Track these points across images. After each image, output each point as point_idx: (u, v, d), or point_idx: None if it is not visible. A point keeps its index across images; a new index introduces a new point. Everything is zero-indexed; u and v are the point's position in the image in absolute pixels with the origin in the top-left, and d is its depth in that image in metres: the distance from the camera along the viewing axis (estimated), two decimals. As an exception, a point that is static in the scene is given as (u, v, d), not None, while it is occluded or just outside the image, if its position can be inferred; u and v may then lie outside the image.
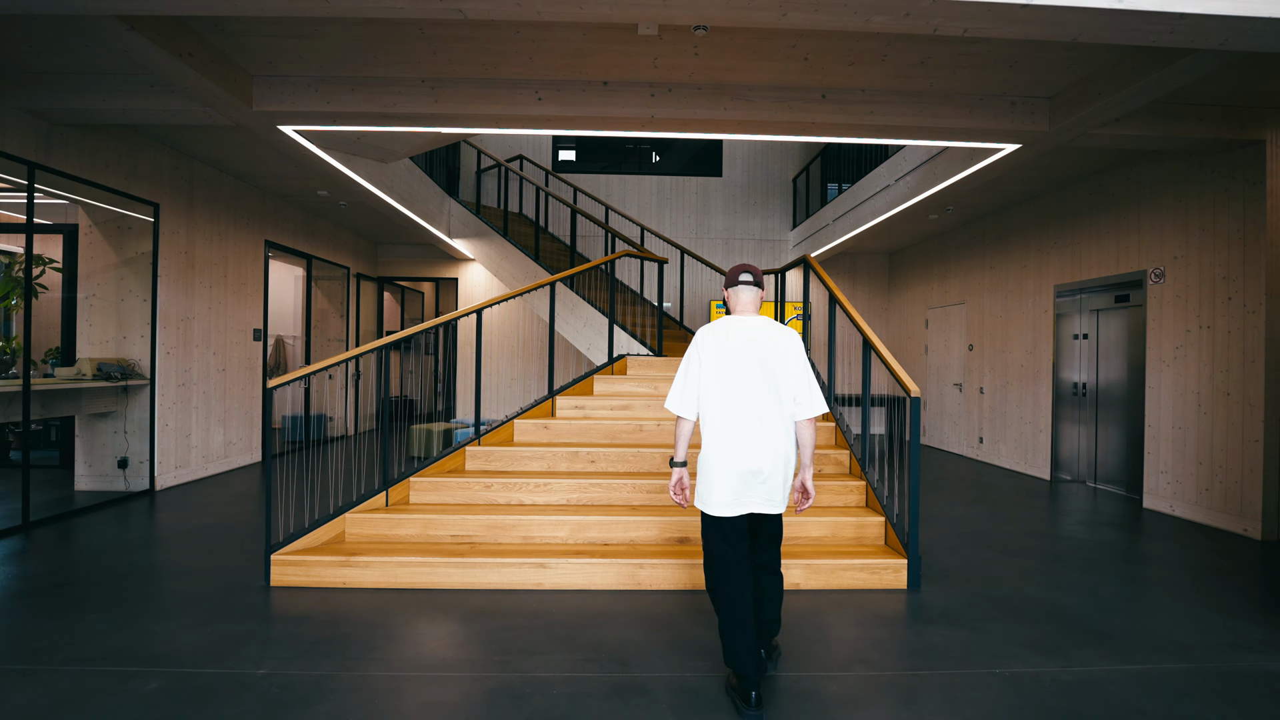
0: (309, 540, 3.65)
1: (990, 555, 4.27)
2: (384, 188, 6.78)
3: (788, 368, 2.38)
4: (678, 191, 11.02)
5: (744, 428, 2.35)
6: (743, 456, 2.33)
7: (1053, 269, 7.02)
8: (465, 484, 4.11)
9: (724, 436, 2.36)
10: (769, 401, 2.36)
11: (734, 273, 2.54)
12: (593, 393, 5.33)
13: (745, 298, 2.51)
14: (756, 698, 2.26)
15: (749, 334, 2.41)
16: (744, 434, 2.34)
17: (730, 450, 2.35)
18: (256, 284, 7.34)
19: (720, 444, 2.37)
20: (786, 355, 2.39)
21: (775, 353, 2.38)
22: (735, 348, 2.38)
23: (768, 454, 2.34)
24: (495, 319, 10.61)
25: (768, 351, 2.38)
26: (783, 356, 2.39)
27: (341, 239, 9.34)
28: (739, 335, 2.40)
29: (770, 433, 2.35)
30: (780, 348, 2.39)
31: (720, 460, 2.36)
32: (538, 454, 4.42)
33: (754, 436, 2.34)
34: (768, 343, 2.39)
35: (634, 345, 6.30)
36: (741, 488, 2.34)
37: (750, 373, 2.36)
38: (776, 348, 2.39)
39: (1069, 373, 6.99)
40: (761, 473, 2.34)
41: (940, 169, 6.11)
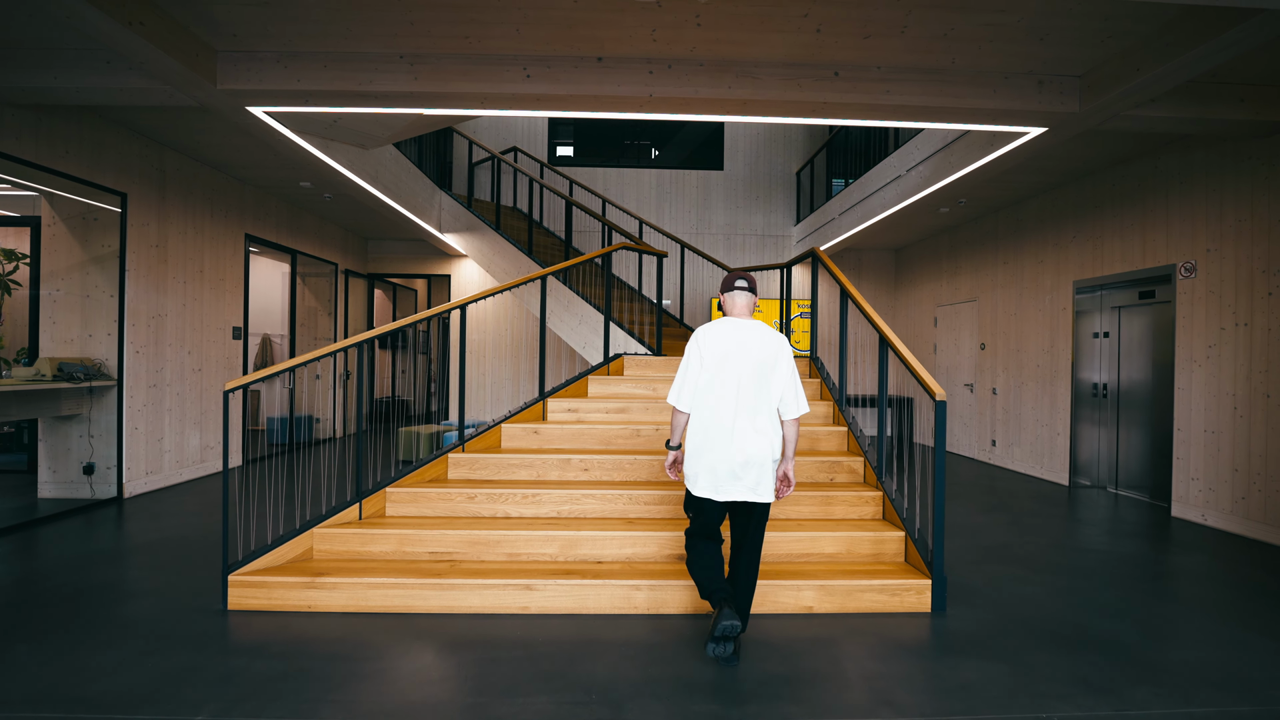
0: (272, 558, 3.31)
1: (1017, 571, 3.93)
2: (368, 178, 6.44)
3: (777, 372, 2.63)
4: (677, 185, 10.67)
5: (733, 424, 2.58)
6: (730, 450, 2.57)
7: (1072, 264, 6.69)
8: (446, 495, 3.77)
9: (714, 430, 2.60)
10: (757, 401, 2.60)
11: (730, 279, 2.76)
12: (587, 394, 4.99)
13: (740, 302, 2.74)
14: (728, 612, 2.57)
15: (744, 338, 2.63)
16: (733, 430, 2.58)
17: (716, 444, 2.59)
18: (236, 280, 7.00)
19: (710, 437, 2.60)
20: (777, 360, 2.64)
21: (766, 357, 2.62)
22: (730, 350, 2.61)
23: (753, 450, 2.58)
24: (488, 317, 10.27)
25: (760, 355, 2.61)
26: (773, 361, 2.63)
27: (328, 234, 9.00)
28: (734, 338, 2.63)
29: (756, 430, 2.59)
30: (771, 352, 2.63)
31: (708, 452, 2.60)
32: (526, 461, 4.09)
33: (741, 433, 2.57)
34: (760, 347, 2.62)
35: (631, 344, 5.97)
36: (726, 478, 2.59)
37: (742, 374, 2.59)
38: (767, 352, 2.63)
39: (1089, 373, 6.66)
40: (747, 466, 2.58)
41: (956, 157, 5.78)
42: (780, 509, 3.81)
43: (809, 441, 4.42)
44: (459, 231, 8.59)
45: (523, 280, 4.58)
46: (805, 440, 4.42)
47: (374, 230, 9.52)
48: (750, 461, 2.57)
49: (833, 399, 4.75)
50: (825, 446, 4.42)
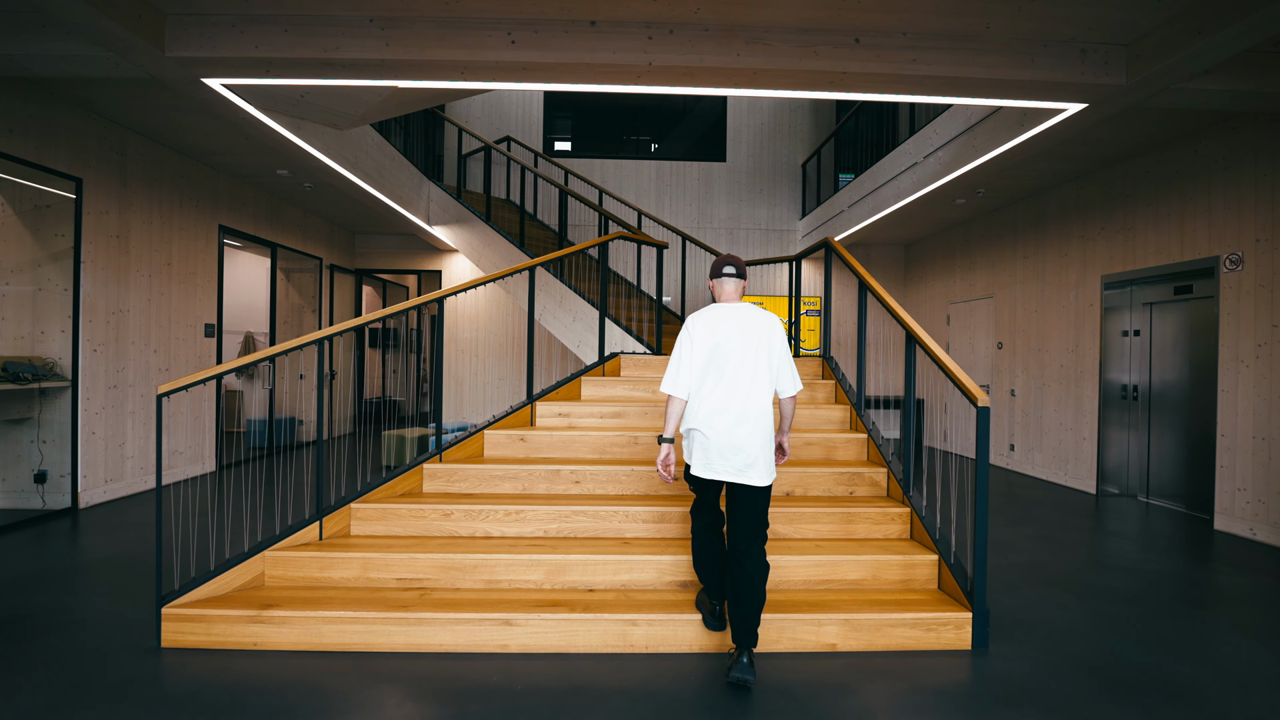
0: (216, 586, 2.89)
1: (1059, 596, 3.51)
2: (347, 164, 6.02)
3: (771, 352, 2.64)
4: (678, 177, 10.25)
5: (728, 406, 2.57)
6: (725, 433, 2.56)
7: (1099, 258, 6.27)
8: (419, 511, 3.35)
9: (709, 414, 2.58)
10: (752, 384, 2.59)
11: (718, 264, 2.76)
12: (580, 397, 4.57)
13: (729, 288, 2.75)
14: (720, 610, 2.75)
15: (736, 321, 2.64)
16: (728, 413, 2.57)
17: (711, 428, 2.57)
18: (209, 274, 6.58)
19: (705, 420, 2.59)
20: (770, 340, 2.65)
21: (759, 338, 2.62)
22: (722, 335, 2.62)
23: (749, 431, 2.56)
24: (480, 314, 9.85)
25: (752, 338, 2.62)
26: (766, 341, 2.64)
27: (312, 227, 8.57)
28: (727, 322, 2.64)
29: (752, 412, 2.58)
30: (763, 333, 2.64)
31: (703, 434, 2.59)
32: (510, 473, 3.66)
33: (737, 416, 2.56)
34: (752, 329, 2.63)
35: (629, 342, 5.55)
36: (719, 459, 2.57)
37: (736, 357, 2.60)
38: (759, 333, 2.63)
39: (1117, 374, 6.24)
40: (742, 449, 2.55)
41: (981, 140, 5.35)
42: (795, 527, 3.39)
43: (824, 450, 4.00)
44: (448, 224, 8.17)
45: (509, 271, 4.15)
46: (820, 449, 4.00)
47: (361, 224, 9.09)
48: (744, 445, 2.56)
49: (849, 402, 4.33)
50: (843, 455, 4.00)
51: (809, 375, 4.91)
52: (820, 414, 4.30)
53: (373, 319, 3.49)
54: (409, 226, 8.64)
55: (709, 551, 2.76)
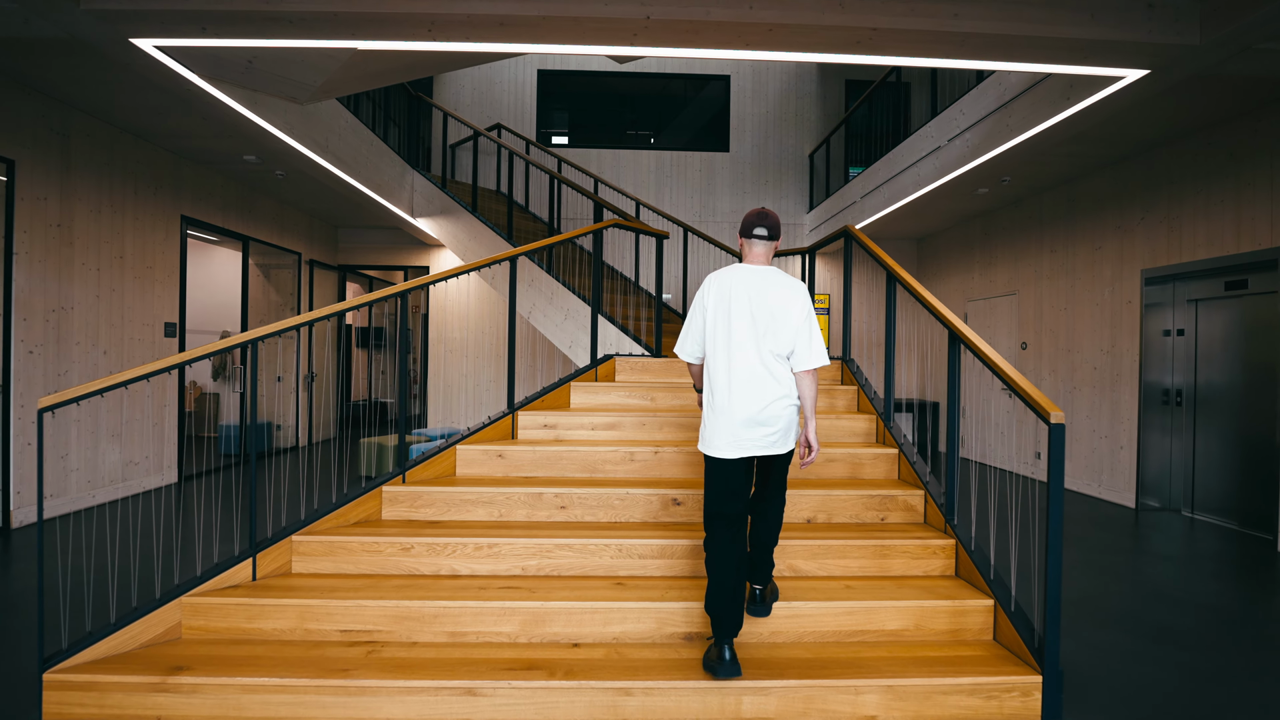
0: (119, 641, 2.37)
1: (1127, 641, 2.99)
2: (316, 147, 5.48)
3: (790, 318, 2.41)
4: (679, 168, 9.72)
5: (747, 374, 2.38)
6: (744, 403, 2.36)
7: (1139, 251, 5.74)
8: (374, 545, 2.82)
9: (726, 382, 2.39)
10: (772, 351, 2.40)
11: (750, 221, 2.52)
12: (569, 406, 4.04)
13: (758, 250, 2.53)
14: (731, 654, 2.29)
15: (756, 284, 2.44)
16: (746, 380, 2.38)
17: (731, 396, 2.37)
18: (170, 268, 6.05)
19: (723, 390, 2.39)
20: (790, 306, 2.42)
21: (780, 303, 2.42)
22: (741, 296, 2.42)
23: (769, 400, 2.38)
24: (470, 312, 9.32)
25: (774, 302, 2.42)
26: (785, 307, 2.42)
27: (290, 220, 8.04)
28: (747, 284, 2.44)
29: (772, 380, 2.39)
30: (785, 298, 2.43)
31: (721, 406, 2.39)
32: (485, 496, 3.14)
33: (756, 384, 2.38)
34: (773, 293, 2.43)
35: (625, 342, 5.02)
36: (743, 431, 2.37)
37: (755, 321, 2.40)
38: (781, 298, 2.42)
39: (1159, 377, 5.72)
40: (764, 418, 2.37)
41: (1017, 118, 4.82)
42: (820, 563, 2.87)
43: (849, 468, 3.48)
44: (432, 216, 7.64)
45: (487, 261, 3.62)
46: (844, 466, 3.48)
47: (343, 217, 8.56)
48: (764, 417, 2.37)
49: (875, 412, 3.81)
50: (871, 474, 3.48)
51: (826, 381, 4.38)
52: (842, 425, 3.78)
53: (321, 315, 2.97)
54: (393, 219, 8.12)
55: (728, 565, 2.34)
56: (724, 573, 2.32)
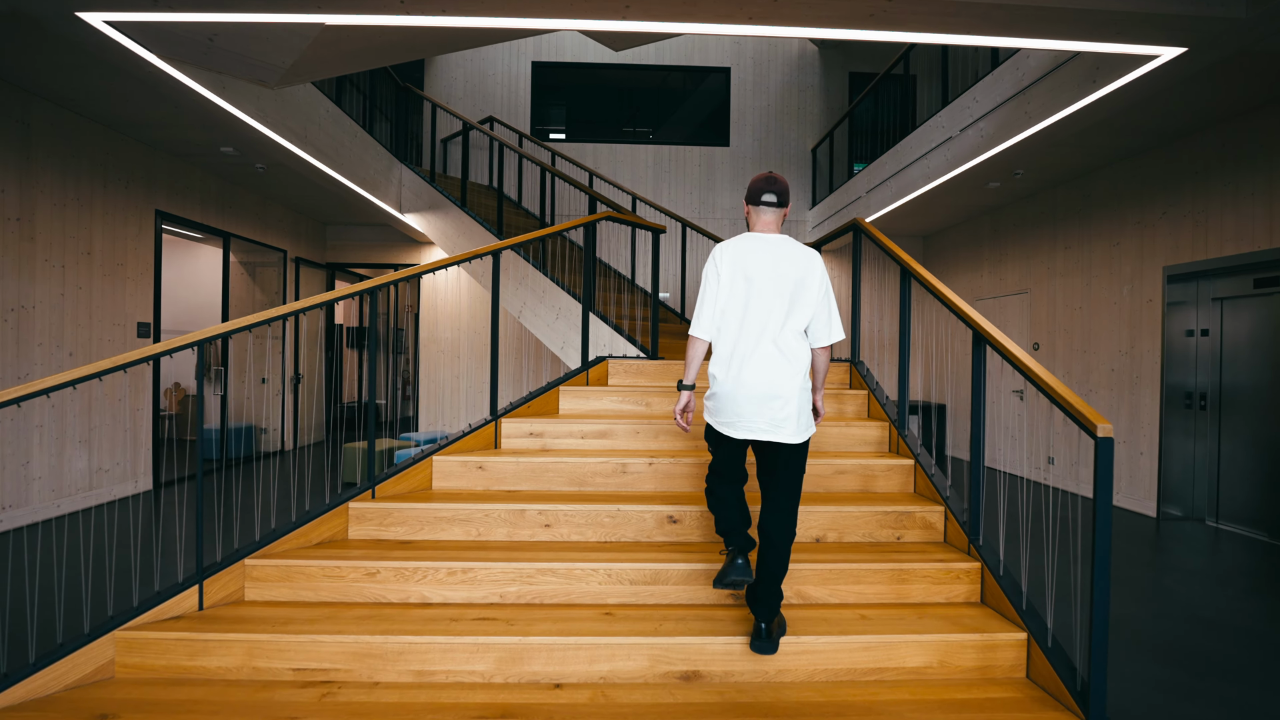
0: (38, 684, 2.09)
1: (1170, 673, 2.72)
2: (294, 138, 5.20)
3: (809, 291, 2.30)
4: (678, 163, 9.44)
5: (756, 351, 2.25)
6: (754, 381, 2.23)
7: (1161, 247, 5.46)
8: (335, 569, 2.54)
9: (736, 359, 2.26)
10: (785, 325, 2.27)
11: (756, 187, 2.39)
12: (557, 412, 3.76)
13: (767, 218, 2.39)
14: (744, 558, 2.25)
15: (772, 254, 2.30)
16: (758, 358, 2.24)
17: (740, 374, 2.24)
18: (143, 265, 5.77)
19: (732, 367, 2.26)
20: (808, 278, 2.30)
21: (796, 274, 2.29)
22: (754, 268, 2.29)
23: (782, 380, 2.23)
24: (464, 311, 9.04)
25: (788, 273, 2.28)
26: (803, 279, 2.29)
27: (274, 216, 7.76)
28: (758, 253, 2.30)
29: (785, 358, 2.25)
30: (801, 269, 2.30)
31: (730, 383, 2.25)
32: (463, 513, 2.86)
33: (768, 361, 2.24)
34: (789, 264, 2.29)
35: (619, 343, 4.75)
36: (748, 412, 2.23)
37: (768, 295, 2.27)
38: (797, 269, 2.29)
39: (1181, 379, 5.44)
40: (775, 399, 2.22)
41: (1035, 105, 4.54)
42: (832, 589, 2.59)
43: (861, 480, 3.20)
44: (420, 211, 7.36)
45: (469, 255, 3.34)
46: (855, 479, 3.20)
47: (330, 213, 8.28)
48: (776, 394, 2.22)
49: (887, 419, 3.53)
50: (884, 487, 3.20)
51: (834, 384, 4.11)
52: (852, 433, 3.50)
53: (284, 312, 2.69)
54: (380, 215, 7.83)
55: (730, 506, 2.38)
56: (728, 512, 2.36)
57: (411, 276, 3.22)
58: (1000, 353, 2.49)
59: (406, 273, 3.24)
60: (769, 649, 2.22)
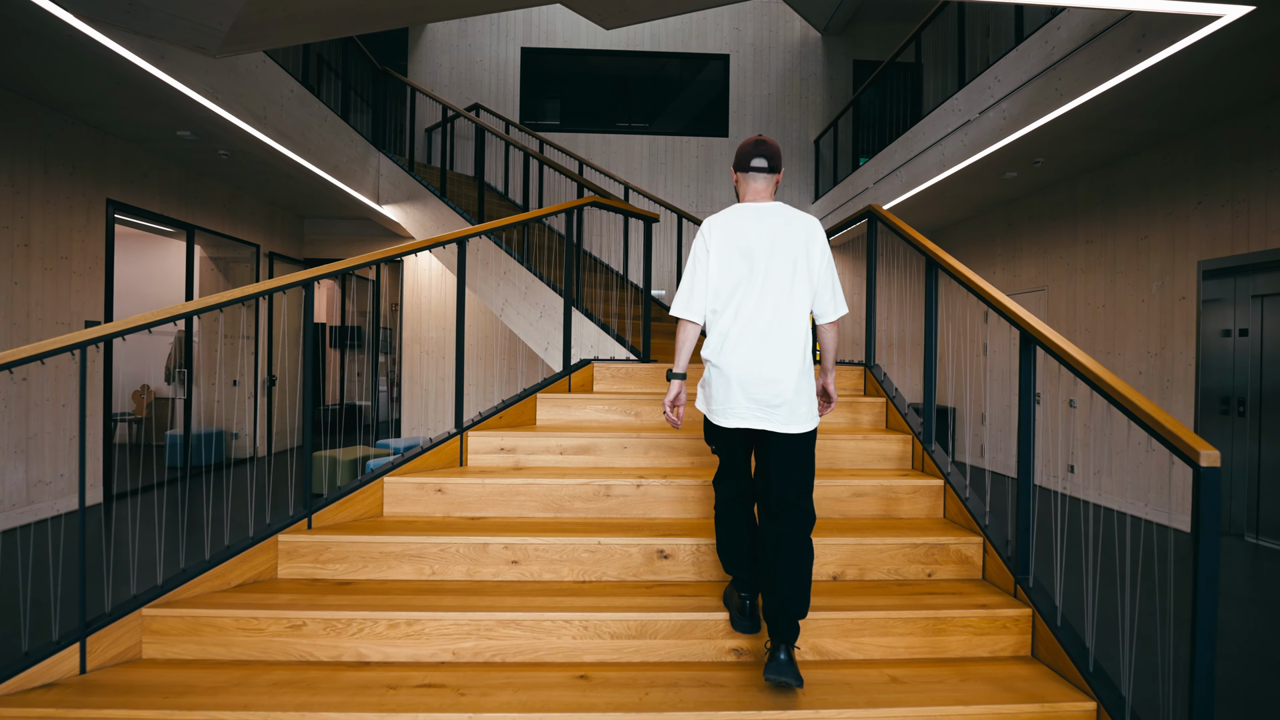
0: None
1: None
2: (251, 118, 4.74)
3: (809, 263, 2.07)
4: (674, 154, 9.00)
5: (754, 331, 2.02)
6: (750, 364, 2.00)
7: (1195, 240, 5.05)
8: (254, 621, 2.10)
9: (731, 341, 2.04)
10: (785, 301, 2.03)
11: (745, 152, 2.12)
12: (534, 423, 3.31)
13: (758, 185, 2.14)
14: (750, 608, 2.10)
15: (767, 223, 2.07)
16: (753, 339, 2.01)
17: (734, 357, 2.02)
18: (91, 258, 5.31)
19: (725, 350, 2.04)
20: (808, 248, 2.07)
21: (794, 245, 2.06)
22: (749, 240, 2.05)
23: (781, 362, 2.00)
24: (448, 310, 8.59)
25: (787, 244, 2.05)
26: (803, 249, 2.06)
27: (245, 208, 7.29)
28: (753, 226, 2.07)
29: (784, 338, 2.02)
30: (800, 240, 2.07)
31: (724, 367, 2.03)
32: (414, 548, 2.41)
33: (765, 342, 2.01)
34: (788, 233, 2.06)
35: (607, 344, 4.31)
36: (744, 399, 2.00)
37: (765, 269, 2.04)
38: (795, 239, 2.06)
39: (1218, 382, 5.02)
40: (773, 382, 1.99)
41: (1067, 81, 4.11)
42: (853, 642, 2.15)
43: (882, 504, 2.76)
44: (399, 203, 6.91)
45: (432, 241, 2.90)
46: (876, 502, 2.76)
47: (307, 206, 7.82)
48: (776, 377, 2.00)
49: (910, 431, 3.09)
50: (909, 511, 2.76)
51: (847, 391, 3.67)
52: (870, 447, 3.07)
53: (228, 299, 2.25)
54: (359, 208, 7.38)
55: (738, 529, 2.16)
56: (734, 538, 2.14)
57: (373, 262, 2.79)
58: (1061, 359, 2.06)
59: (372, 255, 2.80)
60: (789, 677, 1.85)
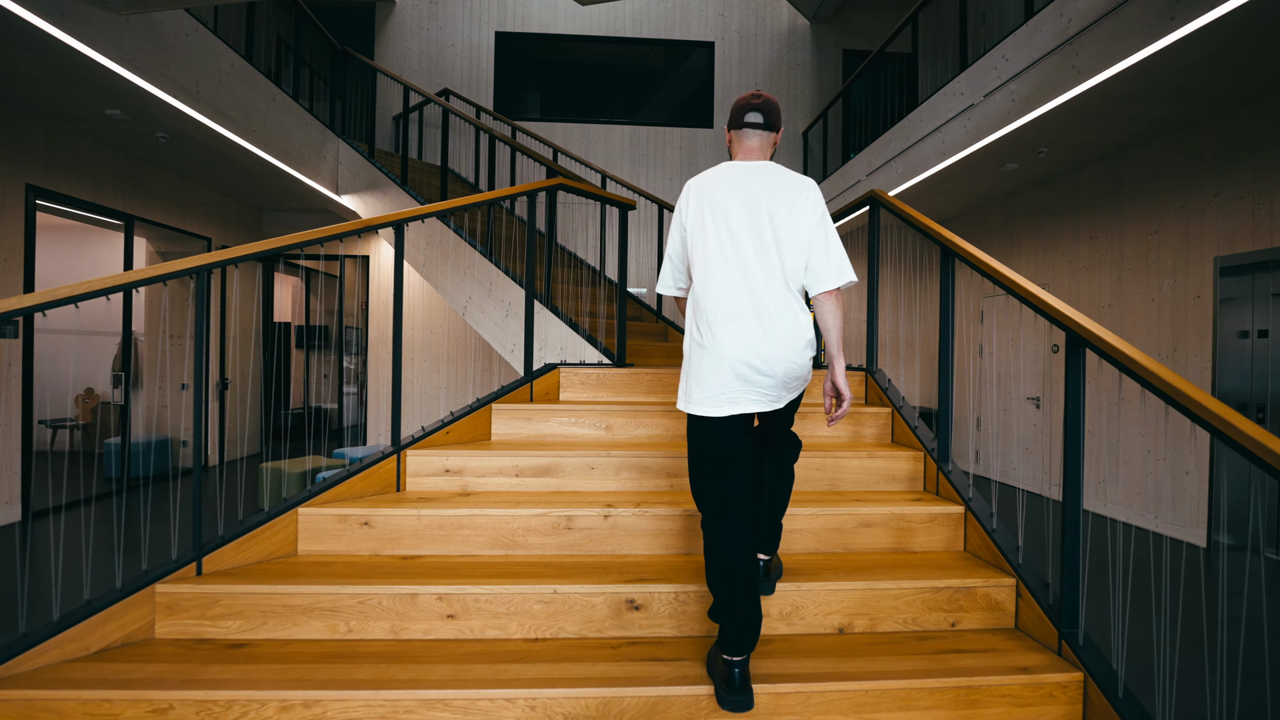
0: None
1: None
2: (179, 92, 4.24)
3: (801, 222, 1.81)
4: (657, 145, 8.58)
5: (739, 302, 1.78)
6: (737, 341, 1.76)
7: (1211, 234, 4.72)
8: (105, 704, 1.63)
9: (714, 315, 1.79)
10: (774, 269, 1.79)
11: (740, 107, 1.91)
12: (488, 439, 2.87)
13: (752, 143, 1.91)
14: (741, 677, 1.68)
15: (750, 182, 1.84)
16: (740, 310, 1.77)
17: (719, 333, 1.77)
18: (8, 250, 4.77)
19: (708, 325, 1.79)
20: (797, 207, 1.81)
21: (783, 203, 1.81)
22: (727, 200, 1.83)
23: (777, 337, 1.77)
24: (418, 310, 8.10)
25: (775, 203, 1.81)
26: (790, 209, 1.81)
27: (195, 199, 6.75)
28: (736, 184, 1.85)
29: (776, 309, 1.78)
30: (789, 196, 1.82)
31: (708, 345, 1.79)
32: (327, 599, 1.96)
33: (755, 315, 1.77)
34: (774, 192, 1.83)
35: (579, 346, 3.87)
36: (734, 380, 1.76)
37: (750, 231, 1.81)
38: (784, 196, 1.82)
39: (1235, 386, 4.70)
40: (765, 361, 1.76)
41: (1086, 56, 3.73)
42: (865, 719, 1.74)
43: (892, 536, 2.35)
44: (359, 192, 6.42)
45: (368, 224, 2.45)
46: (885, 534, 2.35)
47: (262, 197, 7.29)
48: (769, 356, 1.75)
49: (920, 447, 2.69)
50: (924, 544, 2.36)
51: (845, 398, 3.27)
52: (876, 466, 2.66)
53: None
54: (320, 200, 6.87)
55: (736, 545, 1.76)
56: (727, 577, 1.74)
57: (306, 243, 2.34)
58: (1123, 365, 1.66)
59: (303, 236, 2.35)
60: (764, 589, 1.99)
